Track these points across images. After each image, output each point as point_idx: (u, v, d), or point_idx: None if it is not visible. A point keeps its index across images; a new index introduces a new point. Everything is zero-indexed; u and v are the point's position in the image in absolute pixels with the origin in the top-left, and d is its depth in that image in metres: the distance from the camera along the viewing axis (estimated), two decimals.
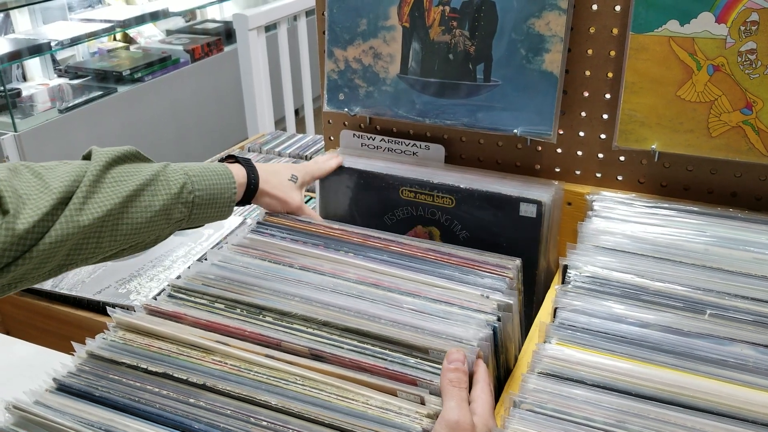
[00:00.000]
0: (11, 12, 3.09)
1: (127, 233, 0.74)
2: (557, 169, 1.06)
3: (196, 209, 0.82)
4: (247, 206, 1.41)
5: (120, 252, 0.77)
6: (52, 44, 2.82)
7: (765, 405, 0.62)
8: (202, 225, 0.86)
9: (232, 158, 0.93)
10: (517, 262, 0.84)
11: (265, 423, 0.64)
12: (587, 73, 0.99)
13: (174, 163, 0.82)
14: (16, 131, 2.58)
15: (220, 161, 0.91)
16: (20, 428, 0.66)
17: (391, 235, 0.90)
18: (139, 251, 0.80)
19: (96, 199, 0.71)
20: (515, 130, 1.00)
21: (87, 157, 0.77)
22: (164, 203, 0.77)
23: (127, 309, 0.79)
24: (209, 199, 0.83)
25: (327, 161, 1.07)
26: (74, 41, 2.92)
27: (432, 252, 0.86)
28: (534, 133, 0.99)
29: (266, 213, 0.97)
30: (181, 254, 1.18)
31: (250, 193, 0.91)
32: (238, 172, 0.89)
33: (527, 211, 0.95)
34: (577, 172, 1.05)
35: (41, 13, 3.23)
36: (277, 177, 0.95)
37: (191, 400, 0.67)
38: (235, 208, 0.89)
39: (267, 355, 0.70)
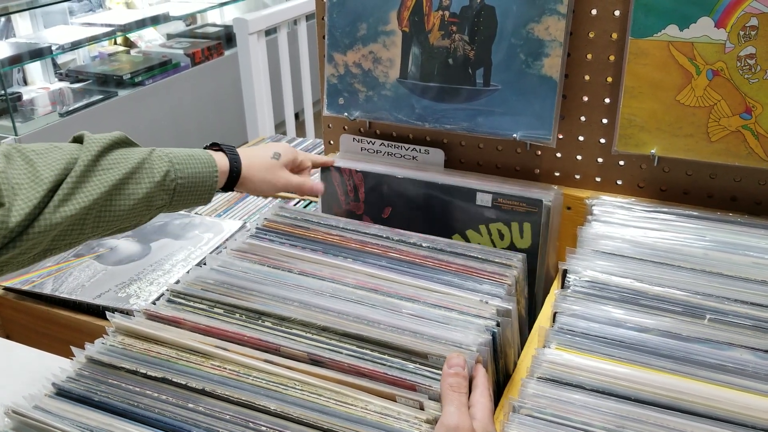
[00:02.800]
0: (12, 16, 3.09)
1: (109, 220, 0.75)
2: (557, 174, 1.06)
3: (177, 196, 0.82)
4: (247, 211, 1.41)
5: (100, 237, 0.77)
6: (53, 48, 2.82)
7: (764, 410, 0.62)
8: (181, 210, 0.87)
9: (216, 146, 0.92)
10: (515, 271, 0.84)
11: (264, 428, 0.64)
12: (587, 77, 0.99)
13: (159, 148, 0.82)
14: (16, 135, 2.58)
15: (204, 148, 0.91)
16: None
17: (389, 240, 0.90)
18: (117, 233, 0.80)
19: (83, 190, 0.71)
20: (515, 135, 1.00)
21: (78, 139, 0.77)
22: (147, 191, 0.77)
23: (127, 313, 0.79)
24: (191, 186, 0.83)
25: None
26: (75, 45, 2.92)
27: (431, 259, 0.86)
28: (533, 138, 0.99)
29: (265, 218, 0.97)
30: (181, 258, 1.18)
31: (233, 180, 0.90)
32: (221, 160, 0.88)
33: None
34: (577, 177, 1.05)
35: (42, 17, 3.23)
36: (260, 160, 0.94)
37: (190, 405, 0.67)
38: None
39: (266, 360, 0.70)
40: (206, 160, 0.85)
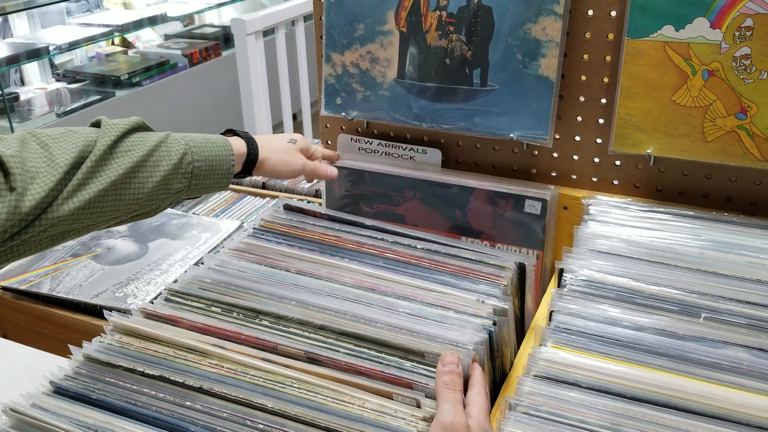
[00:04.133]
0: (9, 16, 3.09)
1: (128, 203, 0.76)
2: (553, 174, 1.07)
3: (195, 180, 0.83)
4: (245, 211, 1.42)
5: (120, 222, 0.79)
6: (51, 48, 2.82)
7: (759, 408, 0.63)
8: (201, 195, 0.88)
9: (231, 132, 0.94)
10: (510, 272, 0.84)
11: (261, 426, 0.64)
12: (583, 77, 0.99)
13: (175, 133, 0.83)
14: None
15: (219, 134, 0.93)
16: (17, 431, 0.66)
17: (384, 242, 0.90)
18: (138, 220, 0.81)
19: (100, 174, 0.72)
20: (511, 135, 1.00)
21: (96, 124, 0.78)
22: (165, 174, 0.78)
23: (124, 312, 0.79)
24: (208, 169, 0.84)
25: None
26: (72, 45, 2.92)
27: (426, 260, 0.86)
28: (530, 138, 0.99)
29: (262, 219, 0.97)
30: (178, 258, 1.18)
31: (251, 163, 0.92)
32: (238, 144, 0.90)
33: None
34: (573, 177, 1.06)
35: (40, 18, 3.24)
36: (277, 142, 0.97)
37: (187, 403, 0.67)
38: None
39: (264, 359, 0.71)
40: (222, 143, 0.87)
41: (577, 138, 1.03)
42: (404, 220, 1.09)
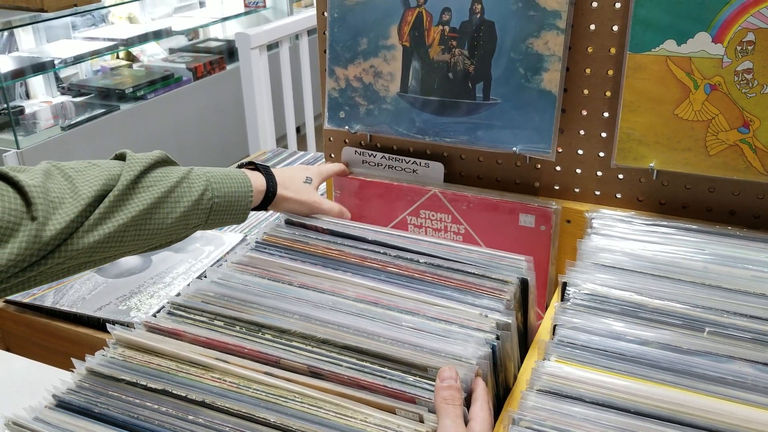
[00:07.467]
0: (15, 30, 3.12)
1: (147, 237, 0.76)
2: (556, 187, 1.07)
3: (213, 215, 0.84)
4: (248, 224, 1.42)
5: (136, 253, 0.79)
6: (56, 62, 2.84)
7: (763, 422, 0.62)
8: (215, 228, 0.89)
9: (251, 165, 0.95)
10: (513, 287, 0.84)
11: None
12: (585, 91, 0.99)
13: (198, 167, 0.84)
14: (18, 148, 2.59)
15: (239, 166, 0.93)
16: None
17: (387, 256, 0.90)
18: (153, 251, 0.82)
19: (123, 208, 0.72)
20: (514, 148, 1.00)
21: (119, 157, 0.78)
22: (185, 209, 0.79)
23: (127, 326, 0.79)
24: (226, 205, 0.85)
25: (334, 165, 1.13)
26: (77, 59, 2.94)
27: (429, 274, 0.86)
28: (533, 151, 0.99)
29: (264, 233, 0.97)
30: (182, 271, 1.18)
31: (268, 200, 0.93)
32: (257, 179, 0.91)
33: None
34: (576, 190, 1.06)
35: (45, 32, 3.26)
36: (294, 182, 0.98)
37: (190, 417, 0.67)
38: (253, 213, 0.92)
39: (266, 373, 0.70)
40: (242, 179, 0.88)
41: (580, 152, 1.03)
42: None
